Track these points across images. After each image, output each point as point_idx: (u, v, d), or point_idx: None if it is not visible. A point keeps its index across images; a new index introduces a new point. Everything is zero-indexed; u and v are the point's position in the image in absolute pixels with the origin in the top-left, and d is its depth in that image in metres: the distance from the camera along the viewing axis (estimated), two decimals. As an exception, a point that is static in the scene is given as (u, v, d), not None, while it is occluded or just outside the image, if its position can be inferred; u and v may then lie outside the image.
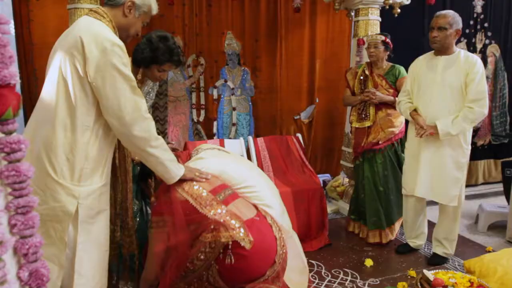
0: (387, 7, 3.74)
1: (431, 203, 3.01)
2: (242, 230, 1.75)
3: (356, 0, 3.74)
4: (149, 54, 2.01)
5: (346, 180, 4.14)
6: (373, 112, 3.23)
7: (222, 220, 1.75)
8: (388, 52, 3.26)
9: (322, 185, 3.45)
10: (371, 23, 3.75)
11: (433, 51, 2.82)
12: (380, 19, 3.81)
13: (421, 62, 2.87)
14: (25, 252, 0.90)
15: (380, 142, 3.19)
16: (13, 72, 0.84)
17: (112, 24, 1.64)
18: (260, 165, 3.39)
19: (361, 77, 3.33)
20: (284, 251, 1.91)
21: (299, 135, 3.87)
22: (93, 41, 1.50)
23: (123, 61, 1.54)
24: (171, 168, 1.77)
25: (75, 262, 1.58)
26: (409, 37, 4.21)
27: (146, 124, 1.61)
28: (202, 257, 1.77)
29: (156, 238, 1.91)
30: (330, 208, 3.87)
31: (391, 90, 3.20)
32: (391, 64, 3.30)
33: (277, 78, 4.30)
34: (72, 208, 1.55)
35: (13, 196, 0.89)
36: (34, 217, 0.90)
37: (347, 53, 4.44)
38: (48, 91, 1.58)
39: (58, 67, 1.56)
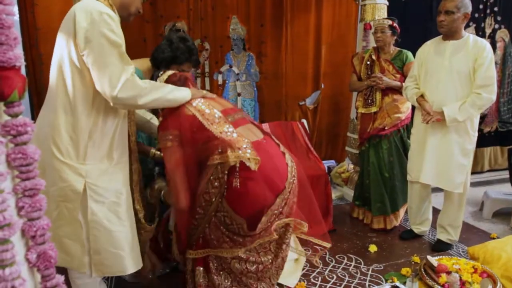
0: (395, -10, 3.68)
1: (436, 189, 3.00)
2: (249, 150, 1.73)
3: (363, -17, 3.68)
4: (170, 54, 2.09)
5: (351, 166, 4.13)
6: (379, 97, 3.20)
7: (228, 139, 1.72)
8: (396, 37, 3.22)
9: (327, 171, 3.45)
10: (378, 7, 3.68)
11: (441, 36, 2.77)
12: (387, 3, 3.75)
13: (428, 47, 2.83)
14: (33, 234, 0.90)
15: (386, 128, 3.18)
16: (18, 54, 0.84)
17: (109, 2, 1.61)
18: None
19: (368, 62, 3.30)
20: (294, 181, 1.87)
21: (304, 121, 3.85)
22: (83, 14, 1.49)
23: (111, 28, 1.51)
24: (175, 97, 1.75)
25: (90, 239, 1.61)
26: (416, 22, 4.14)
27: (130, 83, 1.56)
28: (216, 184, 1.75)
29: (166, 155, 1.82)
30: (334, 194, 3.87)
31: (398, 76, 3.17)
32: (398, 49, 3.25)
33: (282, 63, 4.26)
34: (79, 186, 1.57)
35: (20, 179, 0.89)
36: (41, 199, 0.91)
37: (353, 38, 4.38)
38: (51, 75, 1.60)
39: (56, 50, 1.58)
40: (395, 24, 3.16)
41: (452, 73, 2.66)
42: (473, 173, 3.31)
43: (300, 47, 4.31)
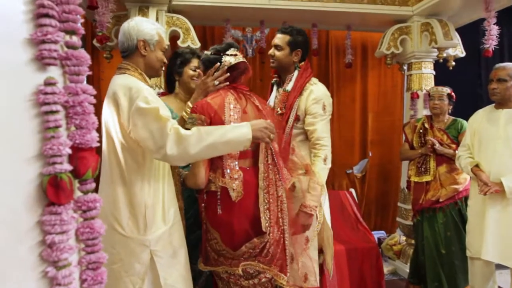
0: (441, 60, 3.71)
1: (501, 266, 2.75)
2: (236, 182, 1.77)
3: (409, 54, 3.76)
4: (179, 60, 2.26)
5: (403, 238, 3.92)
6: (433, 166, 3.06)
7: (226, 164, 1.77)
8: (452, 106, 3.14)
9: (377, 242, 3.30)
10: (425, 76, 3.72)
11: (493, 104, 2.72)
12: (434, 73, 3.77)
13: (481, 116, 2.76)
14: (92, 308, 0.93)
15: (440, 200, 2.99)
16: (94, 137, 0.92)
17: (138, 71, 1.71)
18: (313, 220, 3.33)
19: (421, 131, 3.20)
20: (282, 229, 1.83)
21: (352, 190, 3.78)
22: (122, 94, 1.57)
23: (146, 99, 1.55)
24: (233, 138, 1.63)
25: None
26: (465, 89, 4.11)
27: (174, 136, 1.53)
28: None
29: None
30: (386, 268, 3.65)
31: (454, 145, 3.02)
32: (452, 117, 3.15)
33: (328, 131, 4.32)
34: (146, 257, 1.61)
35: (86, 252, 0.94)
36: (103, 272, 0.94)
37: (400, 107, 4.40)
38: (103, 147, 1.67)
39: (104, 125, 1.66)
40: (452, 93, 3.12)
41: (509, 142, 2.55)
42: (542, 249, 3.02)
43: (347, 116, 4.38)
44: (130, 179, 1.60)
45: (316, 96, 2.20)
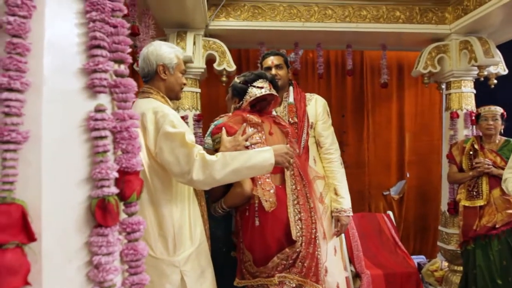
0: (482, 78, 3.58)
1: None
2: (269, 192, 1.84)
3: (447, 73, 3.66)
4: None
5: (445, 263, 3.74)
6: (486, 189, 2.87)
7: (259, 178, 1.85)
8: (504, 126, 3.00)
9: (417, 268, 3.16)
10: (464, 95, 3.59)
11: (541, 125, 2.59)
12: (474, 91, 3.64)
13: (528, 136, 2.63)
14: (135, 329, 0.94)
15: (497, 226, 2.77)
16: (139, 161, 0.96)
17: (161, 94, 1.73)
18: (349, 244, 3.24)
19: (471, 152, 3.04)
20: (311, 240, 1.88)
21: (390, 212, 3.66)
22: (149, 118, 1.59)
23: (172, 123, 1.58)
24: (256, 163, 1.66)
25: None
26: (508, 108, 3.93)
27: (199, 162, 1.55)
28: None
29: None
30: (427, 295, 3.49)
31: None
32: (505, 138, 2.99)
33: (364, 152, 4.24)
34: (177, 277, 1.62)
35: (129, 273, 0.96)
36: (145, 294, 0.96)
37: (438, 126, 4.27)
38: None
39: None
40: (504, 113, 2.99)
41: (560, 164, 2.41)
42: None
43: (383, 136, 4.30)
44: (159, 200, 1.62)
45: (323, 104, 2.55)
